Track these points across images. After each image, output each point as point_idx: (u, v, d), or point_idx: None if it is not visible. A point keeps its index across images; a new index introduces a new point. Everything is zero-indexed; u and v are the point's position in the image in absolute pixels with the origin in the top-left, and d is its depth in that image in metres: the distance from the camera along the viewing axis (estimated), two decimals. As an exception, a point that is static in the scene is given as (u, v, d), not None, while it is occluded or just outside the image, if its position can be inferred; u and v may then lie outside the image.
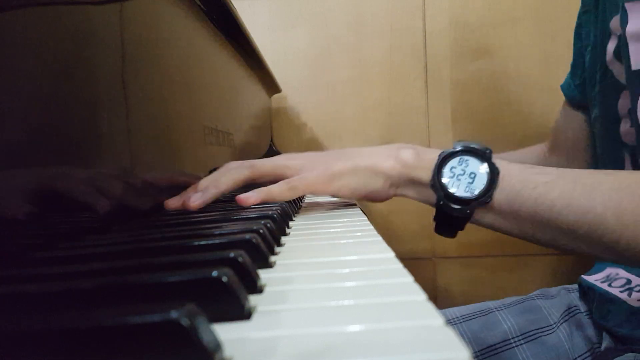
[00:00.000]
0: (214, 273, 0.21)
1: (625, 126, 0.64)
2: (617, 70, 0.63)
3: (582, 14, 0.75)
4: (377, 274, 0.27)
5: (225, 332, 0.18)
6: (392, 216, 1.20)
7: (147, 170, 0.48)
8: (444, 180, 0.47)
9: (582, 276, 0.76)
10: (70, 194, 0.35)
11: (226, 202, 0.61)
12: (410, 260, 1.19)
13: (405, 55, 1.20)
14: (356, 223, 0.46)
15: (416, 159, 0.49)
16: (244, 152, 0.89)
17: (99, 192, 0.38)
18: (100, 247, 0.33)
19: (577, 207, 0.44)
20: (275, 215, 0.42)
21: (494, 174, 0.46)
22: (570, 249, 0.47)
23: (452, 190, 0.47)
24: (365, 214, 0.54)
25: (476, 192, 0.46)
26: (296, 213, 0.57)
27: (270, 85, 1.12)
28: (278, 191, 0.51)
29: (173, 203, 0.50)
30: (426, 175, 0.48)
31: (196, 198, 0.49)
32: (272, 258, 0.32)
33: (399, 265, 0.28)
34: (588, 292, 0.74)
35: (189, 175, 0.58)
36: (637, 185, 0.43)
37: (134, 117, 0.45)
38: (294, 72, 1.21)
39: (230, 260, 0.25)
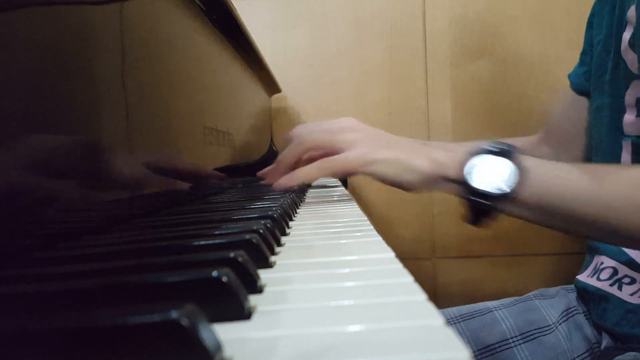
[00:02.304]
0: (214, 273, 0.21)
1: (629, 116, 0.65)
2: (631, 59, 0.63)
3: (597, 3, 0.76)
4: (377, 274, 0.27)
5: (225, 332, 0.18)
6: (392, 216, 1.20)
7: (147, 170, 0.48)
8: (471, 176, 0.51)
9: (577, 277, 0.76)
10: (68, 193, 0.35)
11: (226, 202, 0.61)
12: (410, 260, 1.19)
13: (405, 55, 1.20)
14: (356, 223, 0.46)
15: (447, 159, 0.53)
16: (244, 152, 0.90)
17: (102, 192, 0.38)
18: (100, 247, 0.33)
19: (598, 201, 0.47)
20: (275, 215, 0.42)
21: (518, 170, 0.49)
22: (594, 237, 0.52)
23: (478, 186, 0.50)
24: (365, 214, 0.54)
25: (502, 188, 0.49)
26: (296, 213, 0.57)
27: (270, 85, 1.12)
28: (312, 174, 0.56)
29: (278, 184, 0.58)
30: (455, 172, 0.52)
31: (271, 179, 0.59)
32: (272, 258, 0.32)
33: (399, 265, 0.28)
34: (583, 294, 0.74)
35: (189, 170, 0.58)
36: None
37: (133, 117, 0.45)
38: (294, 72, 1.21)
39: (230, 260, 0.25)
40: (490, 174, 0.50)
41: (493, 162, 0.50)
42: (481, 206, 0.51)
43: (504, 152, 0.50)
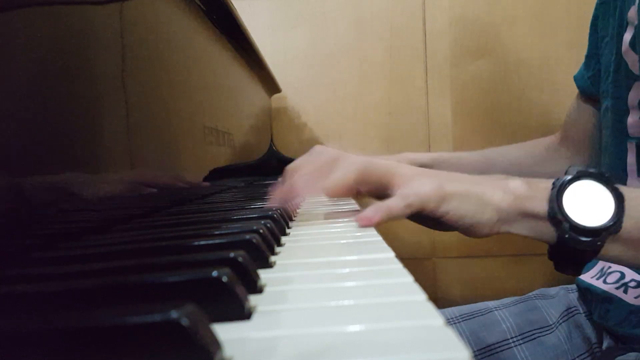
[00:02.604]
0: (214, 273, 0.21)
1: (633, 118, 0.65)
2: (632, 60, 0.63)
3: (600, 5, 0.75)
4: (377, 274, 0.27)
5: (225, 332, 0.18)
6: (392, 216, 1.19)
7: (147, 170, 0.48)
8: (567, 210, 0.42)
9: (578, 277, 0.76)
10: (69, 194, 0.35)
11: (226, 202, 0.61)
12: (410, 260, 1.19)
13: (405, 55, 1.20)
14: (356, 223, 0.46)
15: (528, 189, 0.44)
16: (244, 152, 0.90)
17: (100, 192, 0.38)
18: (100, 247, 0.33)
19: None
20: (275, 215, 0.42)
21: (620, 198, 0.42)
22: None
23: (577, 220, 0.42)
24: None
25: (606, 221, 0.41)
26: (296, 213, 0.57)
27: (270, 85, 1.12)
28: (397, 209, 0.44)
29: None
30: (541, 206, 0.43)
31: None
32: (272, 258, 0.32)
33: (399, 265, 0.28)
34: (586, 293, 0.74)
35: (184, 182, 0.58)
36: None
37: (134, 117, 0.45)
38: (294, 72, 1.21)
39: (230, 260, 0.25)
40: (586, 204, 0.42)
41: (587, 189, 0.42)
42: (579, 245, 0.42)
43: (598, 177, 0.43)
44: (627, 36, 0.64)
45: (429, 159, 0.87)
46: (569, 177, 0.43)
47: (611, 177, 0.43)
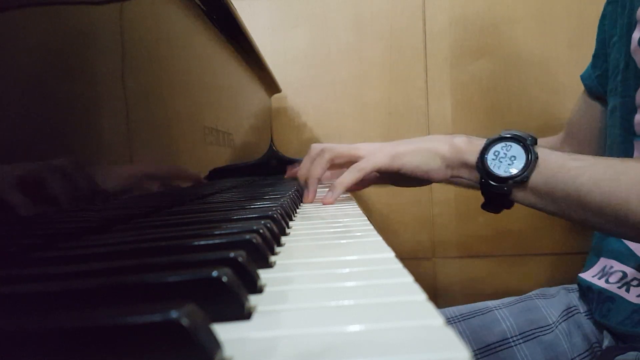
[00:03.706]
0: (214, 273, 0.21)
1: (639, 117, 0.65)
2: None
3: (607, 4, 0.75)
4: (377, 274, 0.27)
5: (225, 332, 0.18)
6: (392, 216, 1.20)
7: (147, 170, 0.48)
8: (487, 161, 0.54)
9: (580, 275, 0.76)
10: (68, 194, 0.35)
11: (226, 202, 0.61)
12: (410, 260, 1.19)
13: (405, 55, 1.20)
14: (356, 223, 0.46)
15: (467, 145, 0.57)
16: (244, 152, 0.90)
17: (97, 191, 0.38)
18: (100, 247, 0.33)
19: (603, 189, 0.48)
20: (275, 215, 0.42)
21: (531, 156, 0.52)
22: (600, 228, 0.54)
23: (491, 169, 0.54)
24: (365, 214, 0.54)
25: (513, 172, 0.53)
26: (296, 213, 0.57)
27: (270, 85, 1.12)
28: (349, 178, 0.59)
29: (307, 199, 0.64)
30: (473, 157, 0.55)
31: (312, 195, 0.64)
32: (272, 258, 0.32)
33: (399, 265, 0.28)
34: (587, 292, 0.74)
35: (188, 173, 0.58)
36: None
37: (134, 117, 0.45)
38: (294, 72, 1.21)
39: (230, 260, 0.25)
40: (504, 159, 0.53)
41: (508, 147, 0.53)
42: (496, 190, 0.54)
43: (520, 140, 0.53)
44: (636, 35, 0.64)
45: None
46: (497, 136, 0.55)
47: (532, 139, 0.53)
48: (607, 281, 0.70)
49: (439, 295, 1.21)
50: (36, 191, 0.31)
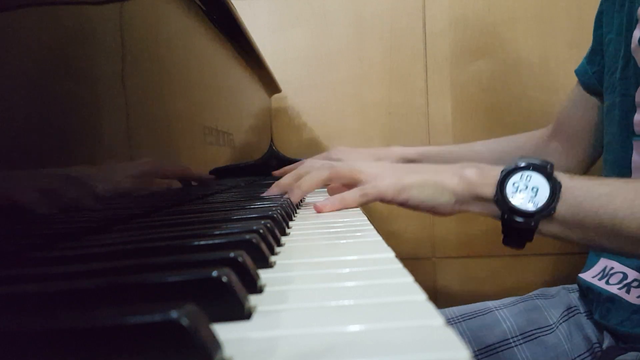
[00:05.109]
0: (214, 273, 0.21)
1: (639, 116, 0.64)
2: None
3: (605, 1, 0.75)
4: (377, 274, 0.27)
5: (225, 332, 0.18)
6: (392, 216, 1.19)
7: (147, 170, 0.48)
8: (507, 195, 0.49)
9: (580, 275, 0.76)
10: (68, 194, 0.35)
11: (226, 202, 0.61)
12: (410, 260, 1.19)
13: (405, 55, 1.20)
14: (356, 223, 0.46)
15: (480, 177, 0.52)
16: (244, 152, 0.90)
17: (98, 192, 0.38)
18: (100, 247, 0.33)
19: (638, 215, 0.45)
20: (275, 215, 0.42)
21: (555, 186, 0.48)
22: (637, 255, 0.50)
23: (514, 203, 0.49)
24: (365, 214, 0.54)
25: (539, 205, 0.48)
26: (296, 213, 0.57)
27: (270, 85, 1.12)
28: (351, 199, 0.55)
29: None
30: (490, 191, 0.51)
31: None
32: (272, 258, 0.32)
33: (399, 265, 0.28)
34: (587, 293, 0.74)
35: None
36: None
37: (133, 117, 0.45)
38: (294, 72, 1.21)
39: (230, 260, 0.25)
40: (525, 190, 0.49)
41: (528, 178, 0.49)
42: (523, 226, 0.49)
43: (540, 168, 0.49)
44: (637, 33, 0.63)
45: (416, 153, 0.88)
46: (513, 166, 0.50)
47: (551, 167, 0.49)
48: (607, 282, 0.70)
49: (439, 295, 1.21)
50: (36, 191, 0.31)
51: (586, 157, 0.82)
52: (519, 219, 0.49)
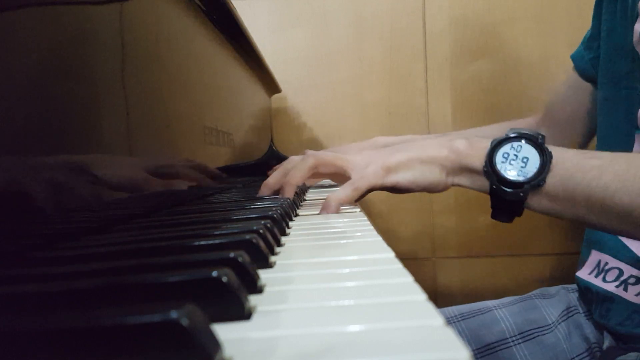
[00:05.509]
0: (214, 273, 0.21)
1: None
2: None
3: None
4: (377, 274, 0.27)
5: (225, 332, 0.18)
6: (392, 216, 1.20)
7: (148, 170, 0.48)
8: (497, 165, 0.48)
9: (577, 274, 0.75)
10: (69, 193, 0.35)
11: (226, 202, 0.61)
12: (410, 260, 1.19)
13: (405, 55, 1.20)
14: (356, 223, 0.46)
15: (469, 148, 0.50)
16: (244, 152, 0.90)
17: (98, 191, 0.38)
18: (100, 247, 0.33)
19: (630, 188, 0.44)
20: (275, 215, 0.42)
21: (546, 157, 0.47)
22: (624, 232, 0.49)
23: (503, 173, 0.48)
24: (365, 213, 0.54)
25: (529, 175, 0.47)
26: (296, 213, 0.57)
27: (270, 85, 1.12)
28: (345, 195, 0.53)
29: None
30: (479, 162, 0.49)
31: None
32: (272, 258, 0.32)
33: (399, 265, 0.28)
34: (586, 293, 0.74)
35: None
36: None
37: (133, 117, 0.45)
38: (294, 72, 1.21)
39: (230, 260, 0.25)
40: (515, 161, 0.48)
41: (518, 148, 0.48)
42: (511, 197, 0.48)
43: (531, 139, 0.48)
44: (638, 27, 0.63)
45: (400, 141, 0.87)
46: (503, 137, 0.49)
47: (542, 137, 0.48)
48: (604, 280, 0.69)
49: (439, 295, 1.21)
50: (37, 191, 0.31)
51: (575, 144, 0.82)
52: (508, 190, 0.48)
